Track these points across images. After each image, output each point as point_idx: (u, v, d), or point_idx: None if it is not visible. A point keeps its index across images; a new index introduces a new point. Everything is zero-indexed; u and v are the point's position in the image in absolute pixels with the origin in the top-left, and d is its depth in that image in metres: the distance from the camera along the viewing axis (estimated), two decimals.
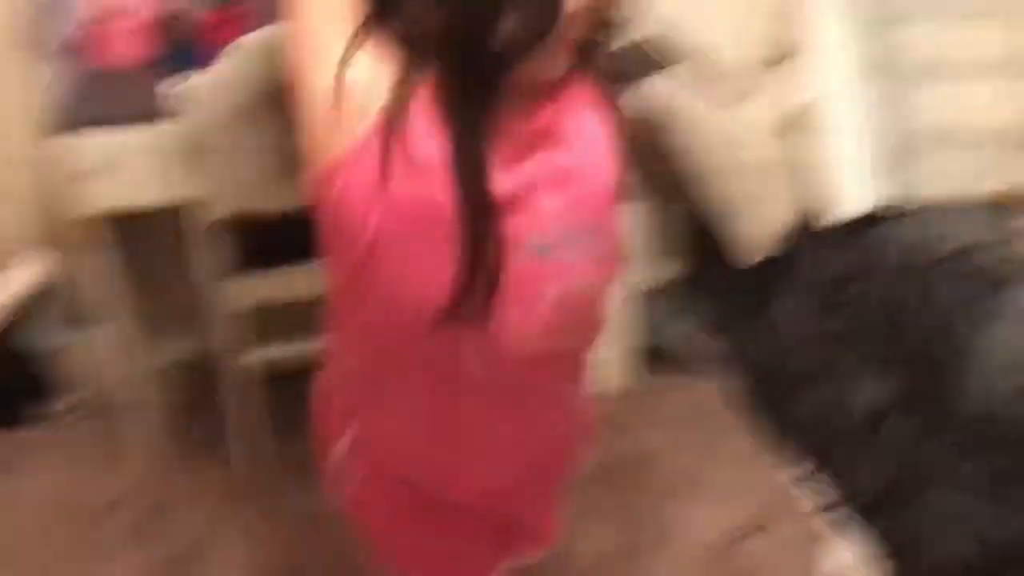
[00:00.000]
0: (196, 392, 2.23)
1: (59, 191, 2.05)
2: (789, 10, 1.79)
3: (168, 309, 2.36)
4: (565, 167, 0.94)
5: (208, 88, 1.67)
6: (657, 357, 2.15)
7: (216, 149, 1.74)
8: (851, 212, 1.66)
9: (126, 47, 1.98)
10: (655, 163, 1.82)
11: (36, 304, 2.07)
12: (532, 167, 0.92)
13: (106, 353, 1.99)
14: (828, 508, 1.76)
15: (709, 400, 2.08)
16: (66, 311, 2.11)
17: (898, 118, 1.66)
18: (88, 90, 1.96)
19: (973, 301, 1.46)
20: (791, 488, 1.85)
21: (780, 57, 1.82)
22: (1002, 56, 1.68)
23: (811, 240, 1.75)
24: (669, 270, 2.17)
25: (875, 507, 1.66)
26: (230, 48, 1.66)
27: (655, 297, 2.14)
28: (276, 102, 1.71)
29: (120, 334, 1.99)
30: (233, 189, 1.78)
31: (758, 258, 1.83)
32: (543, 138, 0.93)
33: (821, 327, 1.75)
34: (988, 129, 1.65)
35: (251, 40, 1.67)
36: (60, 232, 2.16)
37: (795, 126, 1.73)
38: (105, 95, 1.95)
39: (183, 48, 1.96)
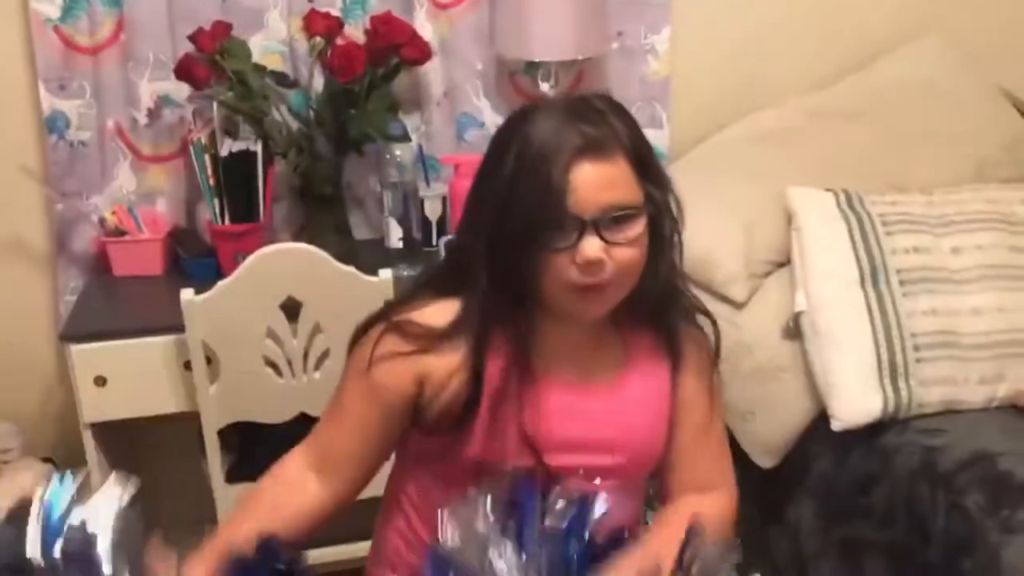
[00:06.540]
0: None
1: (68, 400, 2.04)
2: (784, 217, 1.84)
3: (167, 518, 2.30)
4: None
5: (223, 296, 1.70)
6: None
7: (227, 358, 1.74)
8: (858, 417, 1.65)
9: (141, 257, 2.03)
10: None
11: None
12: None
13: None
14: None
15: None
16: None
17: (898, 324, 1.67)
18: (102, 300, 1.99)
19: (1001, 509, 1.42)
20: None
21: (781, 263, 1.86)
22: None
23: (826, 444, 1.73)
24: None
25: None
26: (246, 259, 1.70)
27: None
28: (288, 312, 1.73)
29: None
30: (241, 399, 1.77)
31: (773, 461, 1.80)
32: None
33: (844, 533, 1.69)
34: (990, 334, 1.67)
35: (266, 252, 1.72)
36: (64, 441, 2.14)
37: (799, 331, 1.74)
38: (119, 305, 1.98)
39: (198, 258, 2.01)
